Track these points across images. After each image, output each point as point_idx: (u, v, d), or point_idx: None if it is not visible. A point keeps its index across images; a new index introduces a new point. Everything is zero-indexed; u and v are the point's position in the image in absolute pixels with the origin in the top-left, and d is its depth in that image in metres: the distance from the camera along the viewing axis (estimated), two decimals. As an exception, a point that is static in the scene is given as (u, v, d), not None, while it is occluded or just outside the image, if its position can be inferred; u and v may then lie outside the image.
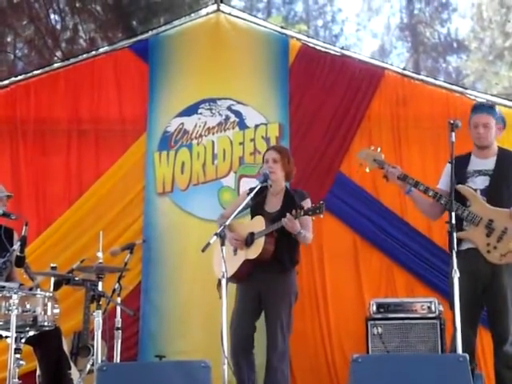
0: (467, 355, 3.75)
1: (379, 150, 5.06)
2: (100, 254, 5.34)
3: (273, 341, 5.11)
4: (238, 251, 5.24)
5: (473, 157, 5.00)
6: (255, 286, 5.18)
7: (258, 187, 5.09)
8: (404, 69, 7.40)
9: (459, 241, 4.65)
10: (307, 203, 5.20)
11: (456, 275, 4.34)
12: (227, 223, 4.79)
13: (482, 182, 4.88)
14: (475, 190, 4.85)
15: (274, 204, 5.31)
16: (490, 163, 4.93)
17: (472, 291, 4.69)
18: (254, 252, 5.13)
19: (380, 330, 6.07)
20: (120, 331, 5.49)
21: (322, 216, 4.96)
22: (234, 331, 5.11)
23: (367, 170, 5.11)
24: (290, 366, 5.60)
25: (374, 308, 6.18)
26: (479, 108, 5.03)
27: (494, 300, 4.77)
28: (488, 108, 5.02)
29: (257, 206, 5.27)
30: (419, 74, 7.37)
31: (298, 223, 5.03)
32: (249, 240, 5.19)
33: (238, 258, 5.21)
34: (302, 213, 4.97)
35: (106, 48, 7.31)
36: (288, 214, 4.97)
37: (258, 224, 5.18)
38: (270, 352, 5.11)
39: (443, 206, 4.84)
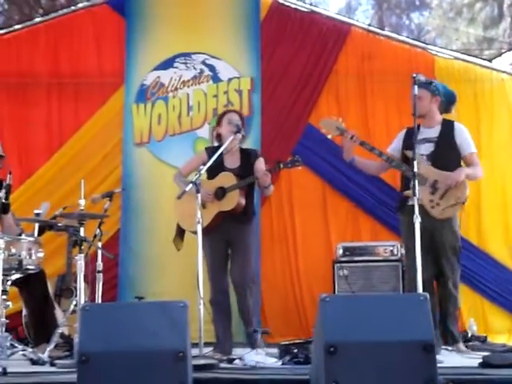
0: (427, 294, 4.02)
1: (340, 119, 5.64)
2: (82, 202, 5.38)
3: (240, 278, 5.54)
4: (208, 205, 5.48)
5: (421, 127, 5.52)
6: (223, 237, 5.55)
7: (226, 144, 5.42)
8: (369, 25, 7.64)
9: (407, 197, 5.33)
10: (261, 161, 5.65)
11: (417, 220, 4.73)
12: (202, 171, 5.13)
13: (427, 148, 5.50)
14: (421, 155, 5.41)
15: (232, 162, 5.67)
16: (434, 132, 5.57)
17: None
18: (228, 204, 5.47)
19: (346, 271, 6.32)
20: (101, 274, 5.65)
21: (300, 168, 5.50)
22: (212, 282, 5.54)
23: (329, 137, 5.75)
24: (262, 307, 6.38)
25: (341, 251, 6.46)
26: (418, 84, 5.34)
27: (437, 250, 5.45)
28: (423, 84, 5.33)
29: (216, 164, 5.40)
30: (383, 30, 7.60)
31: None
32: (219, 194, 5.50)
33: (209, 211, 5.46)
34: (282, 166, 5.41)
35: (85, 3, 7.41)
36: (265, 169, 5.41)
37: (228, 179, 5.50)
38: (239, 286, 5.55)
39: (394, 167, 5.57)
